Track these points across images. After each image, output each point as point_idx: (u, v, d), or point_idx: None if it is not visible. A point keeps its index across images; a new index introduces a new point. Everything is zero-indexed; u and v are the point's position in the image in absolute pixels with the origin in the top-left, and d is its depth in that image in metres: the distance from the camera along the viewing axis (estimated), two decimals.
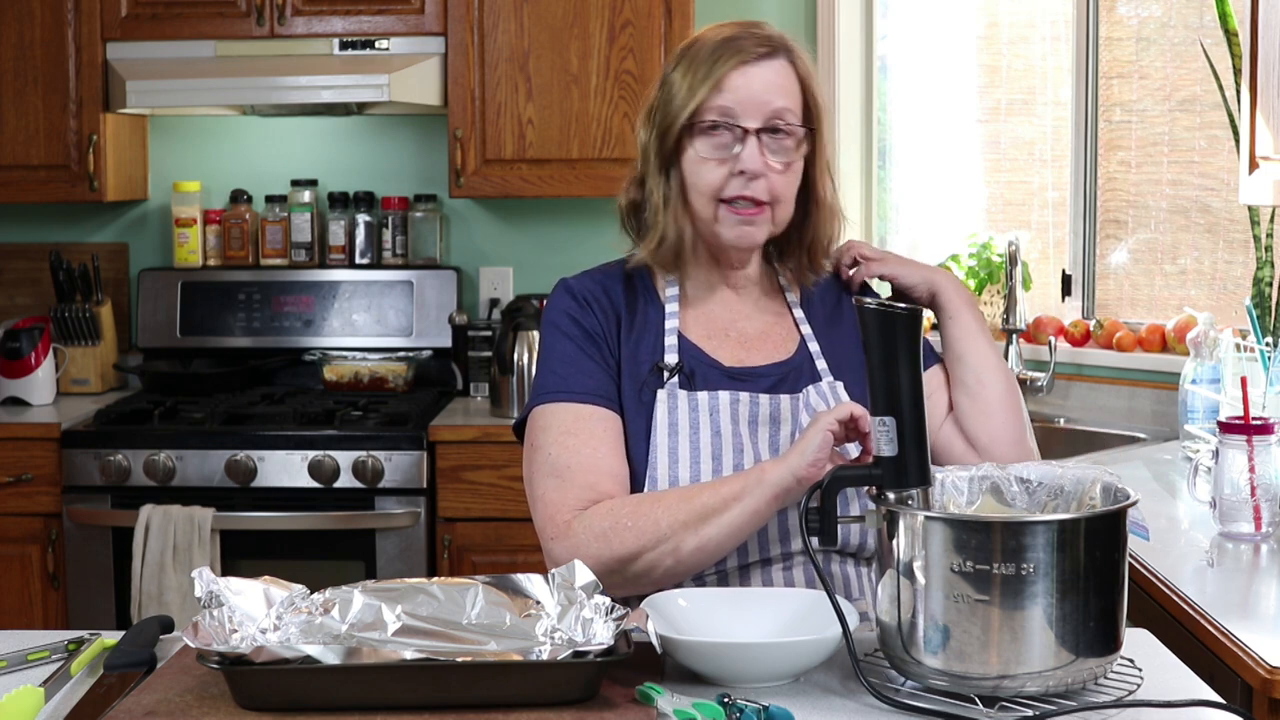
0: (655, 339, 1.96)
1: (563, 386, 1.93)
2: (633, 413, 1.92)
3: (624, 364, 1.94)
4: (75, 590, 3.60)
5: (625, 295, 1.99)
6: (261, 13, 3.82)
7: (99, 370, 4.08)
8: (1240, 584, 2.26)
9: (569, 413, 1.91)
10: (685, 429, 1.90)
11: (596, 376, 1.92)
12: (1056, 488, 1.65)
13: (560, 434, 1.90)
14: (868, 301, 1.61)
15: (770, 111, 1.89)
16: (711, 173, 1.90)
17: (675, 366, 1.93)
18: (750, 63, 1.90)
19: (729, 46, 1.91)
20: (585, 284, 2.00)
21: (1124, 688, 1.55)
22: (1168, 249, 3.65)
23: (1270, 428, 2.34)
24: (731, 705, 1.49)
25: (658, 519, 1.79)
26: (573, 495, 1.86)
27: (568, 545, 1.82)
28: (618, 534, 1.80)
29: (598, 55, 3.82)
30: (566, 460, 1.88)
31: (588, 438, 1.89)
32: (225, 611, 1.56)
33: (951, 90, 4.09)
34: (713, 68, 1.89)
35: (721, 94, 1.88)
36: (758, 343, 1.99)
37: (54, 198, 3.93)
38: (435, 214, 4.18)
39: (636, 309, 1.98)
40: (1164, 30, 3.63)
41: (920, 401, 1.61)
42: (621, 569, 1.80)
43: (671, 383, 1.92)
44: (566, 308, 1.98)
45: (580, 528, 1.83)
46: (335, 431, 3.60)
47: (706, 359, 1.95)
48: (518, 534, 3.60)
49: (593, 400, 1.91)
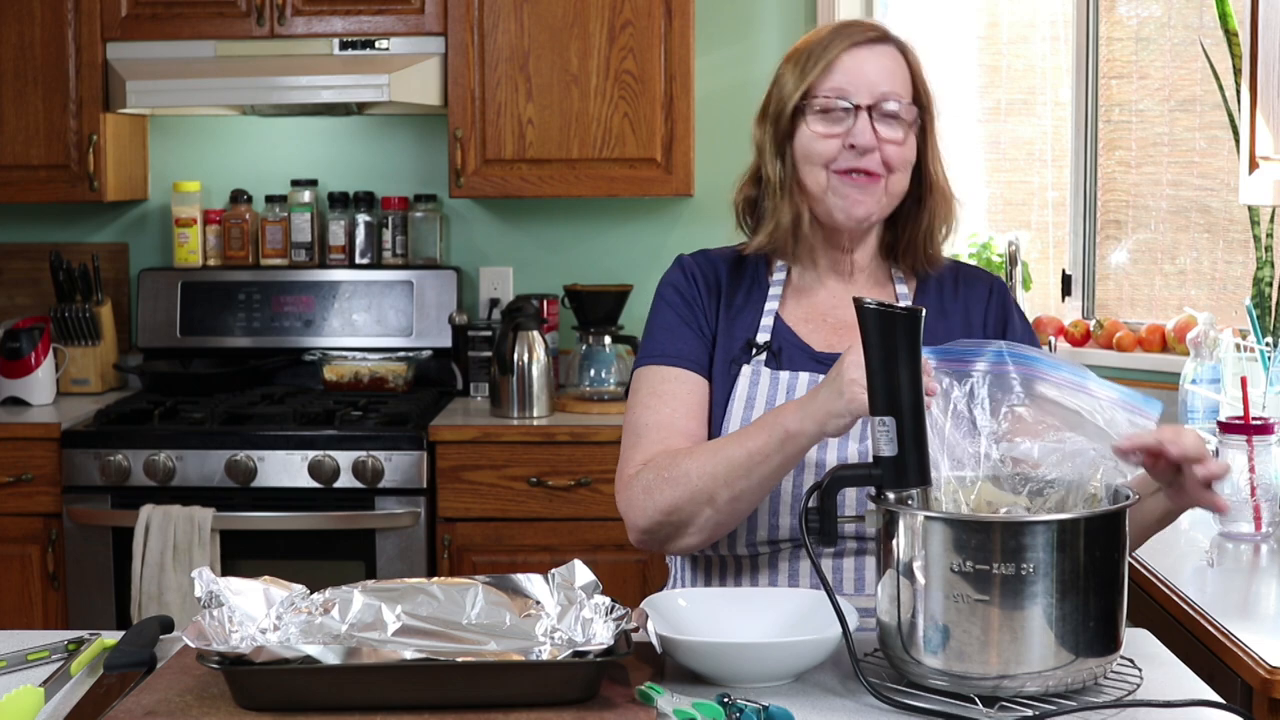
0: (753, 318, 2.01)
1: (657, 351, 2.00)
2: (720, 384, 1.98)
3: (719, 336, 2.00)
4: (75, 590, 3.60)
5: (731, 274, 2.05)
6: (261, 13, 3.82)
7: (99, 370, 4.08)
8: (1240, 584, 2.26)
9: (657, 375, 1.98)
10: (761, 403, 1.94)
11: (690, 343, 1.99)
12: (1058, 480, 1.64)
13: (647, 395, 1.97)
14: (867, 301, 1.61)
15: (880, 93, 1.95)
16: (824, 144, 1.94)
17: (765, 344, 1.98)
18: (861, 45, 1.97)
19: (840, 33, 1.98)
20: (698, 259, 2.07)
21: (1124, 688, 1.55)
22: (1167, 249, 3.65)
23: (1270, 428, 2.34)
24: (731, 705, 1.49)
25: (688, 470, 1.84)
26: (642, 452, 1.93)
27: (624, 499, 1.91)
28: (658, 487, 1.86)
29: (598, 55, 3.82)
30: (646, 419, 1.95)
31: (669, 399, 1.95)
32: (225, 611, 1.56)
33: (951, 90, 4.09)
34: (825, 50, 1.96)
35: (833, 74, 1.95)
36: (853, 330, 1.99)
37: (54, 198, 3.93)
38: (435, 214, 4.18)
39: (740, 288, 2.04)
40: (1164, 30, 3.63)
41: (920, 401, 1.61)
42: (666, 519, 1.86)
43: (758, 359, 1.97)
44: (674, 280, 2.05)
45: (635, 482, 1.89)
46: (335, 431, 3.60)
47: (798, 341, 1.99)
48: (518, 534, 3.60)
49: (681, 364, 1.98)
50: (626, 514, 1.91)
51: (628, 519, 1.91)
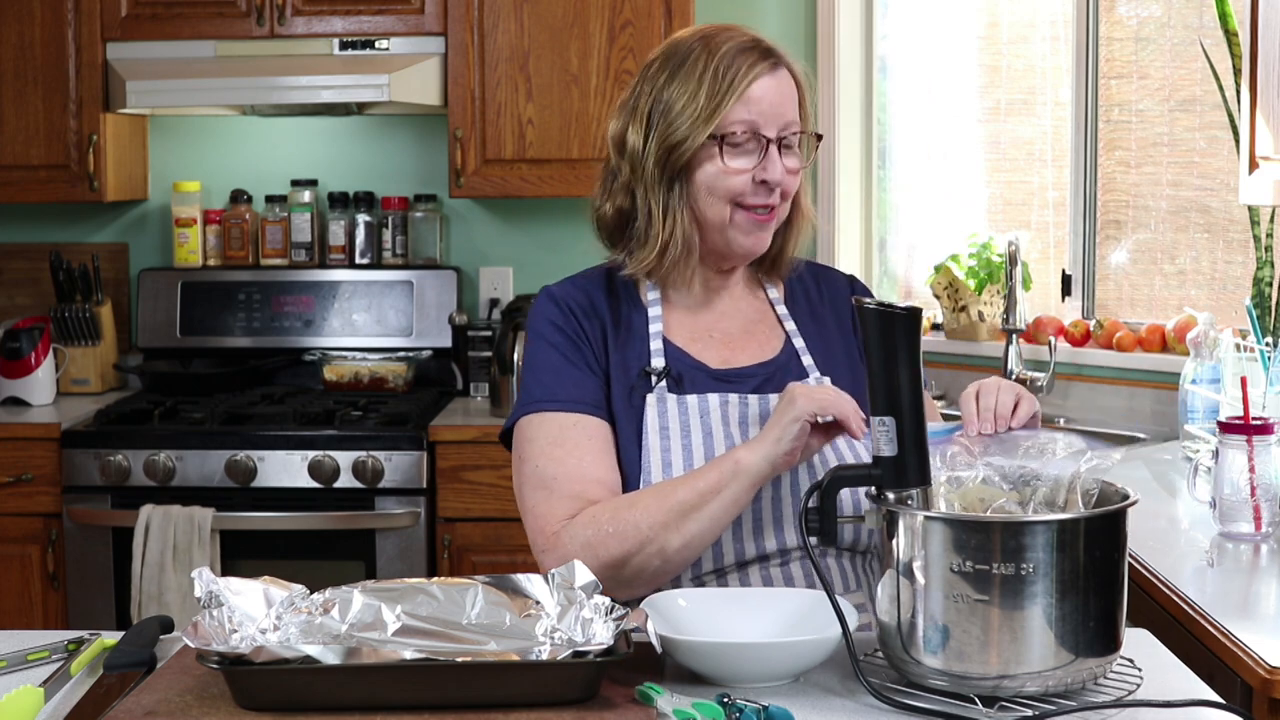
0: (641, 344, 1.95)
1: (548, 396, 1.91)
2: (623, 418, 1.91)
3: (613, 370, 1.93)
4: (75, 590, 3.61)
5: (609, 301, 1.98)
6: (261, 13, 3.82)
7: (99, 370, 4.08)
8: (1240, 584, 2.26)
9: (554, 422, 1.90)
10: (676, 432, 1.90)
11: (583, 384, 1.92)
12: (1044, 475, 1.65)
13: (546, 444, 1.89)
14: (867, 302, 1.61)
15: (785, 122, 1.90)
16: (734, 180, 1.89)
17: (663, 371, 1.92)
18: (764, 75, 1.90)
19: (742, 55, 1.89)
20: (569, 291, 1.98)
21: (1124, 688, 1.55)
22: (1167, 249, 3.65)
23: (1270, 428, 2.34)
24: (731, 705, 1.49)
25: (637, 522, 1.79)
26: (560, 506, 1.86)
27: (557, 556, 1.81)
28: (602, 541, 1.80)
29: (598, 55, 3.82)
30: (553, 471, 1.87)
31: (573, 447, 1.88)
32: (225, 611, 1.56)
33: (951, 90, 4.09)
34: (734, 80, 1.88)
35: (745, 106, 1.87)
36: (742, 342, 1.99)
37: (54, 198, 3.93)
38: (435, 214, 4.18)
39: (621, 315, 1.97)
40: (1164, 30, 3.63)
41: (920, 401, 1.61)
42: (614, 575, 1.80)
43: (660, 387, 1.91)
44: (551, 316, 1.96)
45: (567, 538, 1.82)
46: (335, 431, 3.60)
47: (692, 362, 1.95)
48: (518, 534, 3.56)
49: (579, 409, 1.90)
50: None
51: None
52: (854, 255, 4.17)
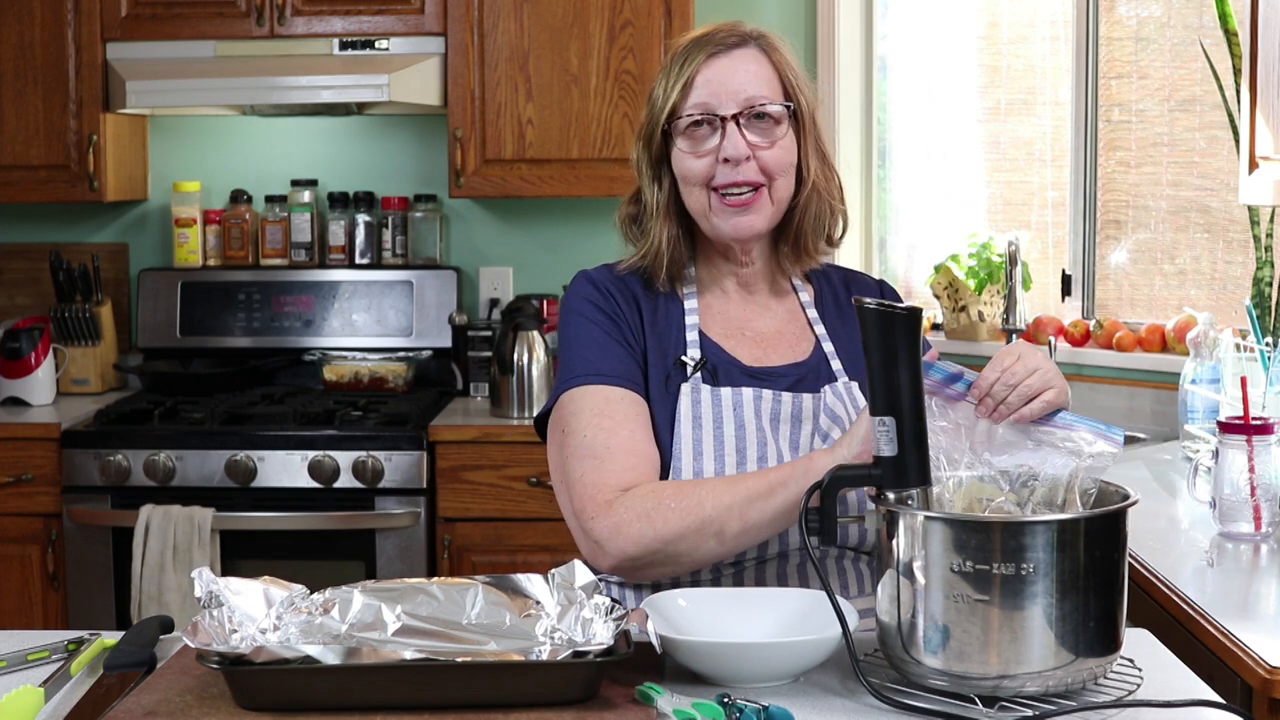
0: (677, 333, 1.97)
1: (591, 370, 1.91)
2: (658, 402, 1.92)
3: (649, 354, 1.95)
4: (75, 590, 3.61)
5: (644, 289, 2.00)
6: (261, 13, 3.82)
7: (99, 370, 4.08)
8: (1240, 584, 2.26)
9: (600, 395, 1.90)
10: (709, 422, 1.90)
11: (625, 361, 1.93)
12: (1041, 475, 1.65)
13: (594, 415, 1.88)
14: (867, 302, 1.61)
15: (745, 98, 1.90)
16: (697, 163, 1.92)
17: (700, 361, 1.94)
18: (718, 55, 1.92)
19: (697, 45, 1.94)
20: (605, 275, 2.01)
21: (1124, 688, 1.55)
22: (1167, 249, 3.65)
23: (1270, 428, 2.34)
24: (731, 705, 1.49)
25: (701, 499, 1.79)
26: (612, 475, 1.84)
27: (610, 523, 1.80)
28: (661, 514, 1.79)
29: (598, 55, 3.82)
30: (604, 440, 1.86)
31: (623, 419, 1.88)
32: (225, 611, 1.56)
33: (951, 90, 4.09)
34: (683, 67, 1.92)
35: (694, 90, 1.91)
36: (774, 342, 2.00)
37: (54, 198, 3.93)
38: (435, 214, 4.18)
39: (658, 303, 1.99)
40: (1164, 30, 3.63)
41: (920, 401, 1.61)
42: (663, 548, 1.79)
43: (695, 377, 1.93)
44: (589, 295, 1.98)
45: (622, 506, 1.81)
46: (335, 431, 3.60)
47: (727, 357, 1.97)
48: (518, 534, 3.60)
49: (623, 383, 1.91)
50: (608, 539, 1.80)
51: (609, 544, 1.80)
52: (854, 255, 4.17)
